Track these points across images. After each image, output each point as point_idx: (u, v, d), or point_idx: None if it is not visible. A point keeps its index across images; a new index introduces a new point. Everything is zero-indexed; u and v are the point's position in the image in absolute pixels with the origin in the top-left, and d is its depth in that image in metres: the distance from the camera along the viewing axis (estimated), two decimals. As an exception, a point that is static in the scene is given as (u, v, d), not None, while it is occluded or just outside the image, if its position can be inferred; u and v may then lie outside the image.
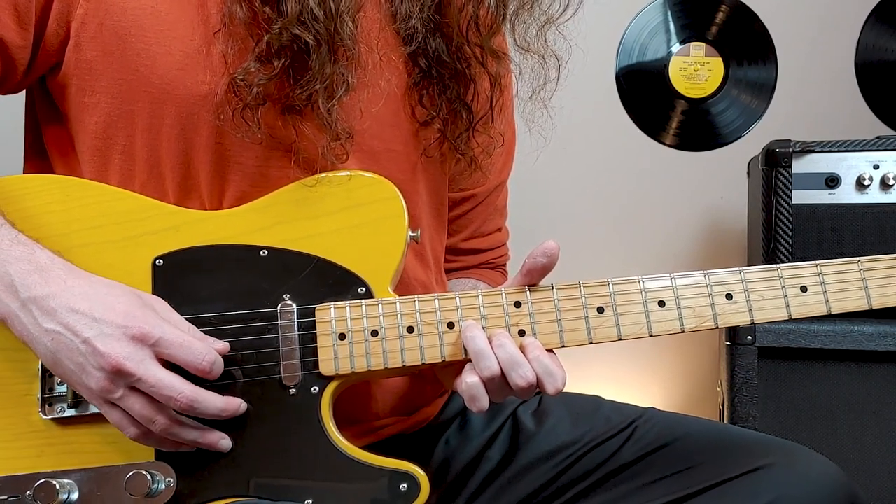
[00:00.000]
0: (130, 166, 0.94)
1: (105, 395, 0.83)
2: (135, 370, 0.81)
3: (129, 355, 0.81)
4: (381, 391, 1.02)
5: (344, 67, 0.91)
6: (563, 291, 0.90)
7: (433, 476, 0.91)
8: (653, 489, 0.97)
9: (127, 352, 0.81)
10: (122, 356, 0.81)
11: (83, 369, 0.82)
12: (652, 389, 2.00)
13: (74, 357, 0.82)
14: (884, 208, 1.48)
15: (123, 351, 0.81)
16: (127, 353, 0.81)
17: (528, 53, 1.02)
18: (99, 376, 0.82)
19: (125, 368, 0.81)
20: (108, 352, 0.81)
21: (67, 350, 0.82)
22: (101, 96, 0.92)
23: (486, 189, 1.21)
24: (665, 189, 2.00)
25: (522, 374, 0.86)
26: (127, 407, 0.84)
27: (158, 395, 0.82)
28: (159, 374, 0.83)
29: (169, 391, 0.82)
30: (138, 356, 0.82)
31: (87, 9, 0.90)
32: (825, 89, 1.96)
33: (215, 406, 0.85)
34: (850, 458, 1.41)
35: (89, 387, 0.83)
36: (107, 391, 0.83)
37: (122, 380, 0.82)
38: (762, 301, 0.89)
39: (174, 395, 0.82)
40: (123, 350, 0.81)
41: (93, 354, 0.81)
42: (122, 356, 0.81)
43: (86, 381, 0.83)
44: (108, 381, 0.82)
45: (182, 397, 0.83)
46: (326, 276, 0.91)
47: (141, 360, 0.82)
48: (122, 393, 0.83)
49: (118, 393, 0.83)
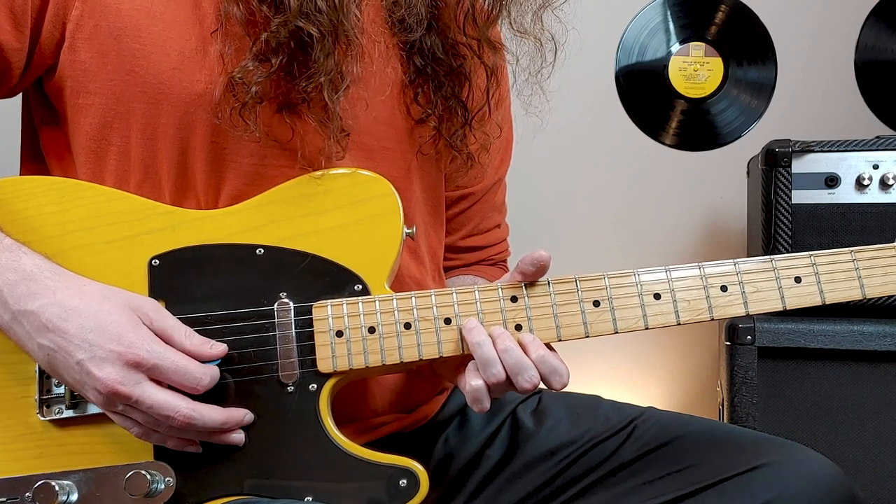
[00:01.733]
0: (126, 167, 0.94)
1: (106, 408, 0.85)
2: (130, 393, 0.81)
3: (124, 380, 0.81)
4: (380, 388, 1.02)
5: (348, 59, 0.91)
6: (559, 286, 0.90)
7: (433, 474, 0.90)
8: (652, 488, 0.97)
9: (121, 376, 0.81)
10: (116, 381, 0.81)
11: (81, 385, 0.83)
12: (652, 389, 1.99)
13: (72, 374, 0.83)
14: (884, 208, 1.47)
15: (118, 375, 0.81)
16: (121, 377, 0.81)
17: (525, 37, 1.02)
18: (95, 395, 0.83)
19: (120, 392, 0.81)
20: (103, 377, 0.81)
21: (65, 366, 0.83)
22: (96, 97, 0.92)
23: (484, 186, 1.21)
24: (665, 189, 2.00)
25: (528, 377, 0.86)
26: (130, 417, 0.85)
27: (156, 415, 0.83)
28: (155, 395, 0.82)
29: (167, 411, 0.82)
30: (133, 379, 0.82)
31: (82, 10, 0.90)
32: (825, 89, 1.95)
33: (214, 420, 0.85)
34: (850, 458, 1.40)
35: (90, 398, 0.84)
36: (106, 405, 0.84)
37: (119, 401, 0.83)
38: (757, 292, 0.90)
39: (171, 415, 0.83)
40: (118, 374, 0.81)
41: (87, 376, 0.82)
42: (117, 381, 0.81)
43: (86, 393, 0.84)
44: (105, 402, 0.83)
45: (179, 415, 0.83)
46: (323, 274, 0.91)
47: (136, 384, 0.82)
48: (121, 408, 0.84)
49: (118, 408, 0.84)
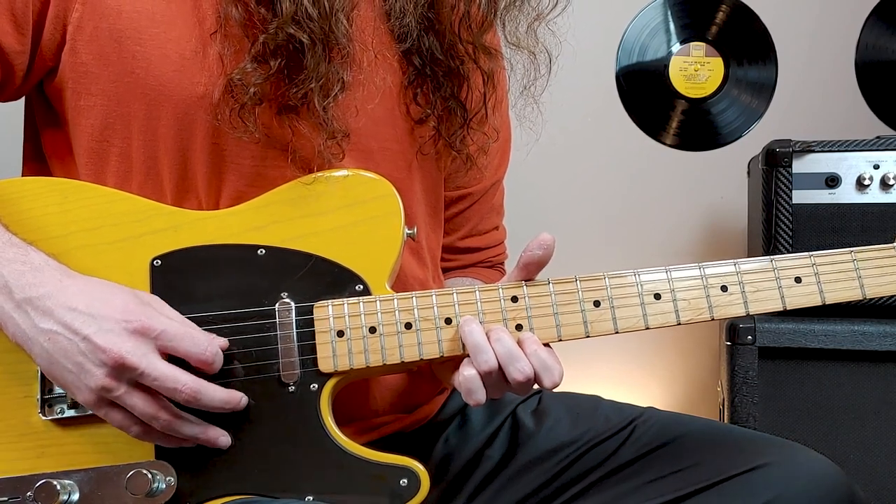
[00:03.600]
0: (127, 168, 0.94)
1: (105, 394, 0.83)
2: (137, 363, 0.81)
3: (131, 349, 0.81)
4: (380, 388, 1.03)
5: (339, 66, 0.92)
6: (560, 286, 0.90)
7: (433, 474, 0.91)
8: (652, 488, 0.97)
9: (129, 346, 0.81)
10: (123, 350, 0.80)
11: (82, 368, 0.82)
12: (652, 389, 2.00)
13: (73, 357, 0.82)
14: (884, 208, 1.48)
15: (125, 345, 0.81)
16: (129, 347, 0.81)
17: (519, 49, 1.03)
18: (100, 374, 0.81)
19: (128, 362, 0.80)
20: (110, 347, 0.80)
21: (65, 350, 0.82)
22: (97, 99, 0.92)
23: (482, 187, 1.21)
24: (665, 189, 2.00)
25: (520, 368, 0.86)
26: (129, 405, 0.83)
27: (162, 387, 0.82)
28: (162, 366, 0.82)
29: (173, 383, 0.82)
30: (140, 350, 0.81)
31: (82, 12, 0.90)
32: (825, 89, 1.95)
33: (218, 398, 0.85)
34: (850, 458, 1.41)
35: (89, 386, 0.82)
36: (107, 389, 0.82)
37: (125, 374, 0.81)
38: (757, 292, 0.90)
39: (178, 387, 0.82)
40: (125, 344, 0.81)
41: (93, 351, 0.81)
42: (124, 350, 0.80)
43: (86, 380, 0.82)
44: (110, 378, 0.81)
45: (186, 388, 0.82)
46: (324, 274, 0.91)
47: (143, 354, 0.81)
48: (123, 390, 0.82)
49: (119, 391, 0.82)
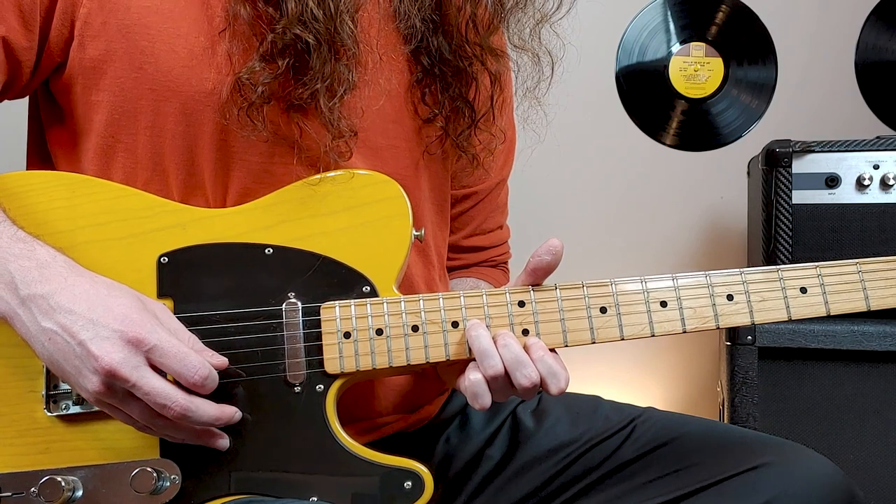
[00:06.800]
0: (133, 164, 0.94)
1: (103, 399, 0.83)
2: (128, 376, 0.80)
3: (123, 360, 0.80)
4: (384, 389, 1.03)
5: (345, 66, 0.92)
6: (567, 291, 0.90)
7: (434, 473, 0.91)
8: (651, 488, 0.98)
9: (121, 356, 0.80)
10: (115, 361, 0.79)
11: (80, 372, 0.81)
12: (652, 389, 2.00)
13: (71, 360, 0.81)
14: (884, 208, 1.48)
15: (117, 355, 0.80)
16: (121, 357, 0.80)
17: (523, 51, 1.03)
18: (94, 380, 0.81)
19: (118, 373, 0.80)
20: (102, 355, 0.79)
21: (64, 352, 0.81)
22: (105, 94, 0.92)
23: (488, 186, 1.21)
24: (665, 189, 2.00)
25: (526, 374, 0.86)
26: (126, 411, 0.84)
27: (152, 402, 0.81)
28: (153, 381, 0.81)
29: (163, 399, 0.81)
30: (132, 362, 0.80)
31: (90, 7, 0.90)
32: (825, 89, 1.96)
33: (209, 415, 0.85)
34: (850, 458, 1.41)
35: (87, 389, 0.82)
36: (104, 395, 0.82)
37: (117, 384, 0.81)
38: (762, 302, 0.90)
39: (168, 404, 0.81)
40: (117, 354, 0.80)
41: (87, 357, 0.80)
42: (116, 361, 0.79)
43: (83, 383, 0.82)
44: (104, 386, 0.81)
45: (176, 406, 0.82)
46: (331, 275, 0.91)
47: (135, 367, 0.80)
48: (119, 398, 0.82)
49: (115, 398, 0.82)
